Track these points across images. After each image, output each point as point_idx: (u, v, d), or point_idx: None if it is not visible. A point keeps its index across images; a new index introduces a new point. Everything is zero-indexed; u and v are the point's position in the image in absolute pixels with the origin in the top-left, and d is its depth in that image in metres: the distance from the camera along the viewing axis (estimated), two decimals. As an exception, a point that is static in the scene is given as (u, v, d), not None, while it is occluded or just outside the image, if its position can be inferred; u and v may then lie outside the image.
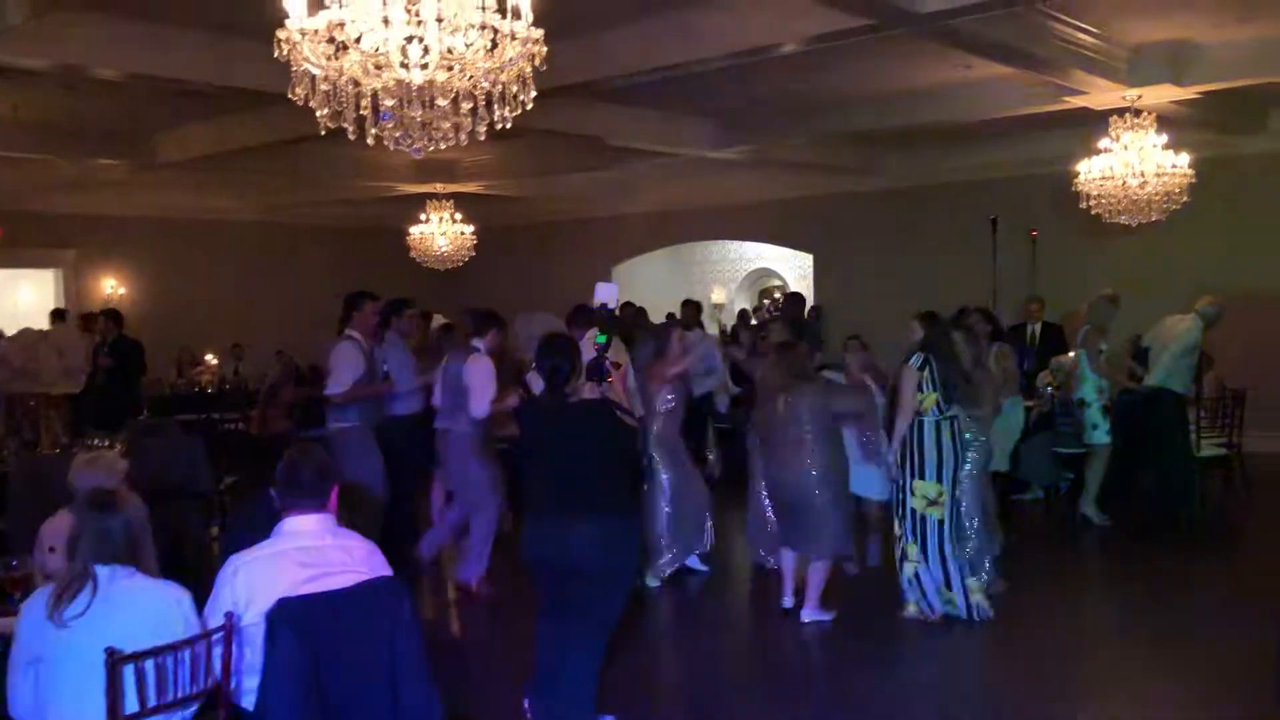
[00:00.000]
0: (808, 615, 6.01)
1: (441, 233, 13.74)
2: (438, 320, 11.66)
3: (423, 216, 13.80)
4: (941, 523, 5.89)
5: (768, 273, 17.99)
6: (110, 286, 15.58)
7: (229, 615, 3.06)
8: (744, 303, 17.68)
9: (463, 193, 14.02)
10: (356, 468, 6.59)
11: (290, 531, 3.26)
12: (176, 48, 7.65)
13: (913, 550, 5.97)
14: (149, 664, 2.85)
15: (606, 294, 5.01)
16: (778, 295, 17.39)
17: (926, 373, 5.92)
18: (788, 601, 6.17)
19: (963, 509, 6.08)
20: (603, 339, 4.75)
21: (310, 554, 3.20)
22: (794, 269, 17.04)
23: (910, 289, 12.19)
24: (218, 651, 3.03)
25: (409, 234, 13.96)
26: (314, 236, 16.97)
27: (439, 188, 13.74)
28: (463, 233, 13.85)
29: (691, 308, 11.68)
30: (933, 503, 5.90)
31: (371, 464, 6.71)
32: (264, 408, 11.26)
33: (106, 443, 7.26)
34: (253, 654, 3.13)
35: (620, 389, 4.60)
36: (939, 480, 5.89)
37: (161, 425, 9.24)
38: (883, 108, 10.30)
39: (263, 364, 13.27)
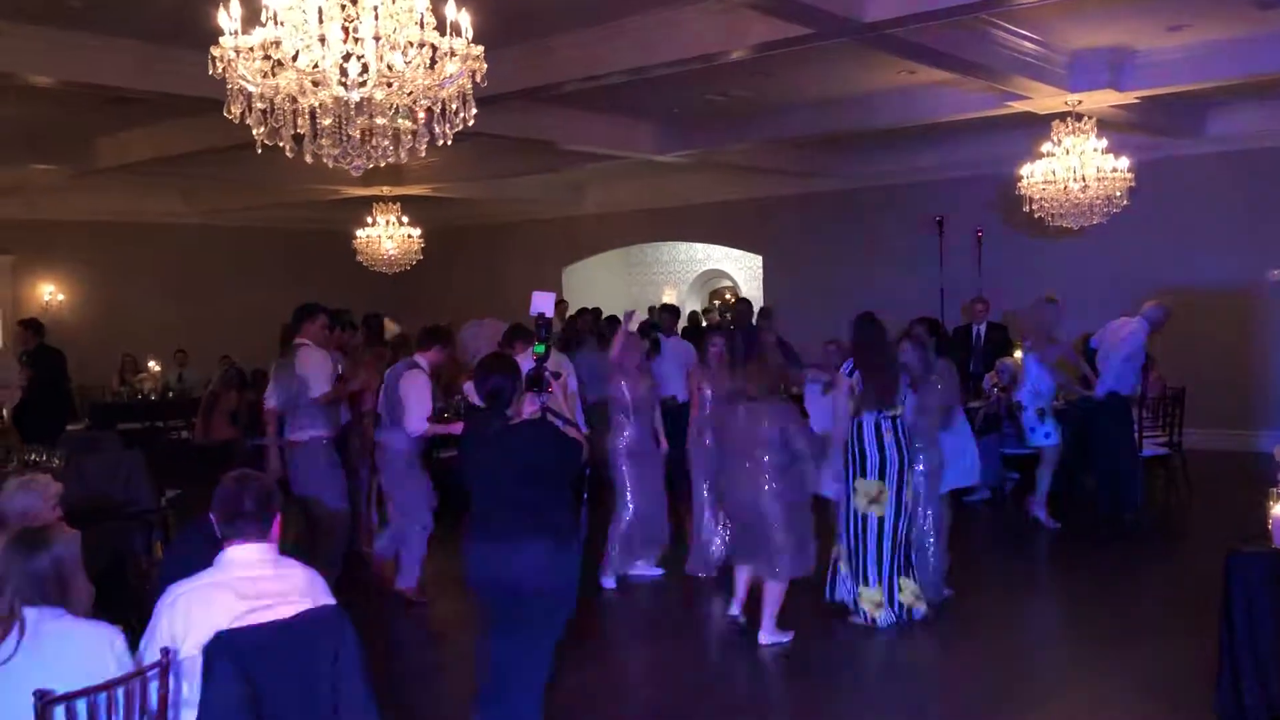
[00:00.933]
0: (765, 638, 5.87)
1: (389, 236, 13.61)
2: (391, 328, 11.56)
3: (369, 220, 13.67)
4: (881, 520, 5.94)
5: (718, 274, 18.03)
6: (49, 292, 15.27)
7: (165, 651, 2.99)
8: (695, 304, 17.71)
9: (410, 195, 13.91)
10: (322, 480, 6.57)
11: (230, 561, 3.19)
12: (112, 56, 7.55)
13: (841, 549, 6.10)
14: (81, 704, 2.78)
15: (543, 303, 4.97)
16: (729, 297, 17.45)
17: (856, 376, 5.99)
18: (735, 609, 6.14)
19: (916, 516, 6.13)
20: (540, 349, 4.69)
21: (251, 584, 3.14)
22: (745, 270, 17.10)
23: (859, 289, 12.29)
24: (154, 687, 2.97)
25: (355, 237, 13.82)
26: (260, 240, 16.75)
27: (385, 191, 13.62)
28: (410, 236, 13.73)
29: (670, 314, 11.00)
30: (873, 500, 5.95)
31: (336, 476, 6.71)
32: (205, 415, 11.10)
33: (43, 458, 7.10)
34: (190, 688, 3.06)
35: (560, 398, 4.58)
36: (880, 478, 5.93)
37: (100, 440, 9.07)
38: (828, 112, 10.36)
39: (208, 370, 13.08)
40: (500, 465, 4.33)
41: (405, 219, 13.69)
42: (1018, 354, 9.58)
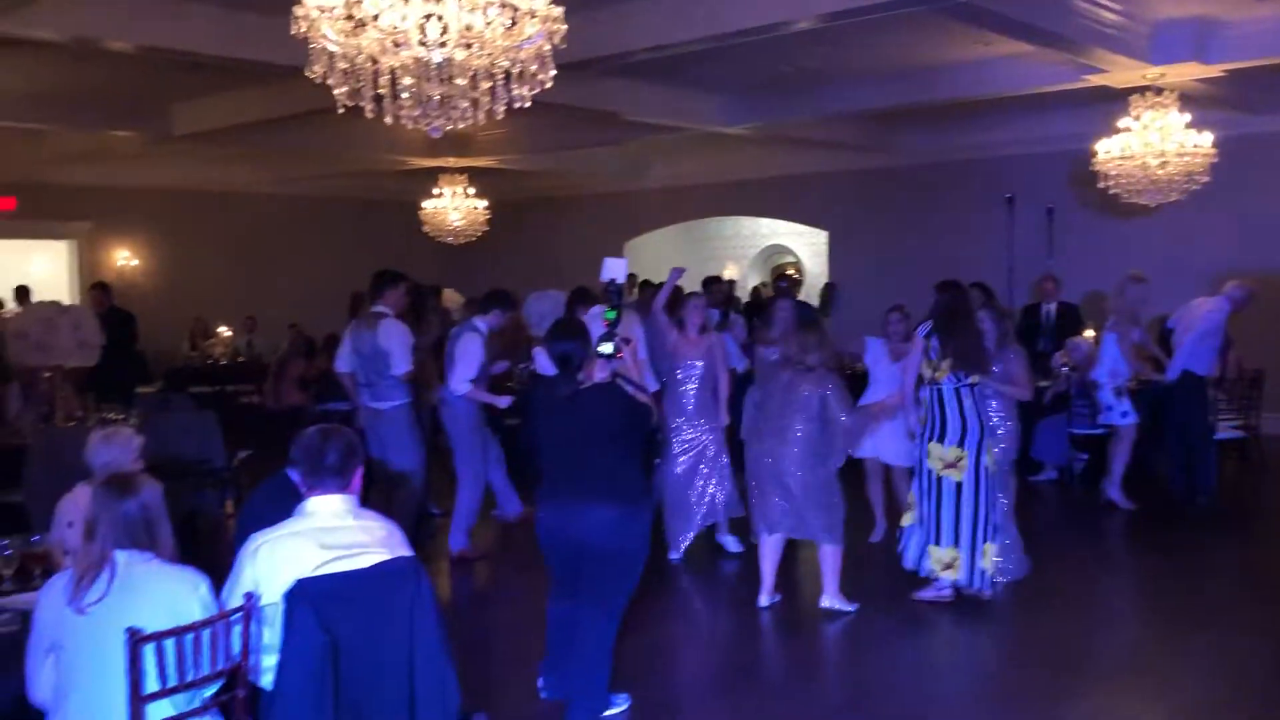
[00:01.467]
0: (827, 602, 5.91)
1: (454, 207, 13.70)
2: (454, 299, 11.68)
3: (436, 190, 13.76)
4: (960, 485, 5.89)
5: (781, 249, 17.91)
6: (123, 258, 15.59)
7: (248, 596, 3.06)
8: (757, 280, 17.62)
9: (476, 167, 13.98)
10: (403, 448, 6.71)
11: (312, 511, 3.26)
12: (190, 20, 7.63)
13: (912, 513, 6.05)
14: (169, 644, 2.86)
15: (615, 269, 5.01)
16: (791, 272, 17.34)
17: (933, 341, 5.93)
18: (764, 600, 5.98)
19: (996, 486, 6.08)
20: (611, 315, 4.75)
21: (331, 534, 3.20)
22: (808, 246, 16.96)
23: (925, 266, 12.09)
24: (237, 631, 3.04)
25: (422, 208, 13.93)
26: (328, 210, 16.96)
27: (452, 161, 13.69)
28: (475, 207, 13.81)
29: (721, 285, 10.77)
30: (950, 465, 5.90)
31: (416, 444, 6.87)
32: (276, 380, 11.32)
33: (121, 416, 7.29)
34: (270, 633, 3.13)
35: (630, 364, 4.61)
36: (960, 445, 5.88)
37: (174, 401, 9.29)
38: (899, 84, 10.20)
39: (276, 337, 13.30)
40: (570, 429, 4.37)
41: (471, 190, 13.77)
42: (1089, 333, 9.42)
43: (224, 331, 14.52)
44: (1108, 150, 8.89)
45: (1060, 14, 7.60)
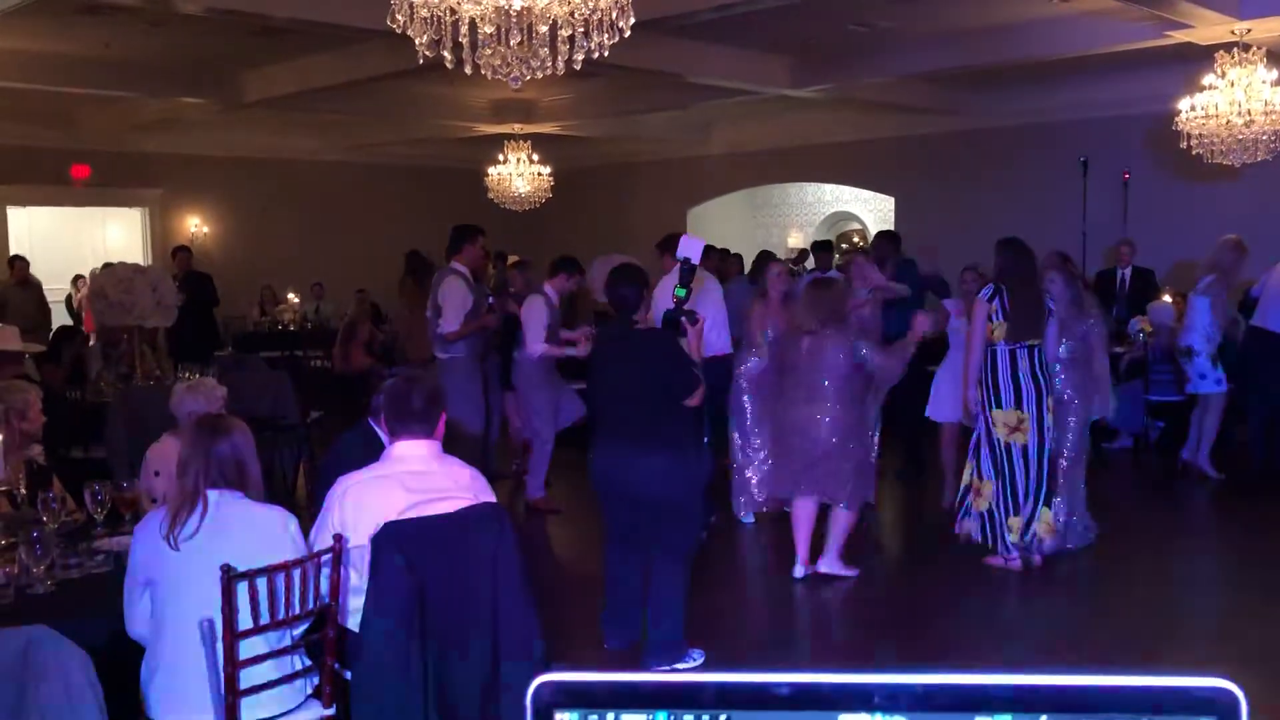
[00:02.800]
0: (825, 566, 5.77)
1: (519, 174, 13.71)
2: (512, 260, 11.74)
3: (500, 157, 13.79)
4: (1025, 448, 5.80)
5: (847, 216, 17.71)
6: (195, 225, 15.86)
7: (337, 538, 3.10)
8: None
9: (541, 134, 13.98)
10: (459, 400, 6.79)
11: (399, 456, 3.29)
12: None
13: (987, 488, 5.89)
14: (261, 581, 2.91)
15: (691, 248, 5.08)
16: (856, 240, 17.15)
17: (996, 303, 5.81)
18: (799, 571, 5.78)
19: (1057, 444, 5.95)
20: (682, 293, 4.77)
21: (417, 478, 3.23)
22: (874, 212, 16.75)
23: (995, 233, 11.78)
24: (325, 572, 3.08)
25: (487, 175, 13.97)
26: (394, 176, 17.09)
27: (517, 128, 13.70)
28: (540, 174, 13.81)
29: (826, 250, 10.90)
30: (1015, 429, 5.80)
31: (474, 396, 6.98)
32: (344, 345, 11.46)
33: (199, 375, 7.43)
34: (358, 576, 3.17)
35: (693, 342, 4.59)
36: (1018, 407, 5.77)
37: (249, 360, 9.45)
38: (975, 44, 9.98)
39: (343, 303, 13.45)
40: (621, 373, 4.42)
41: (535, 157, 13.77)
42: (1166, 298, 9.20)
43: (292, 298, 14.72)
44: (1191, 108, 8.63)
45: (1145, -34, 7.39)
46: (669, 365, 4.44)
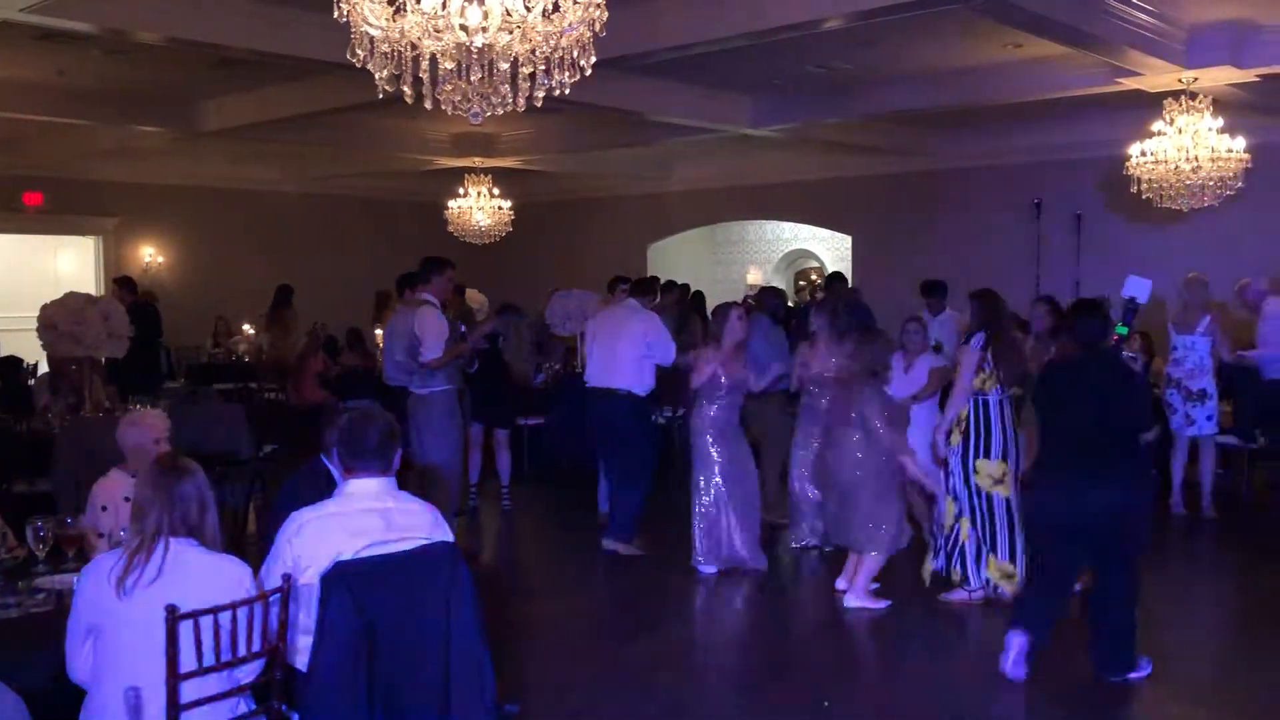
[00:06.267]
0: (852, 601, 5.91)
1: (479, 207, 13.72)
2: (477, 299, 11.72)
3: (461, 190, 13.78)
4: (1008, 500, 5.84)
5: (805, 254, 17.86)
6: (149, 255, 15.66)
7: (286, 577, 3.04)
8: (780, 284, 17.56)
9: (501, 167, 13.99)
10: (439, 434, 6.74)
11: (352, 493, 3.24)
12: (220, 12, 7.65)
13: (965, 526, 5.91)
14: (206, 622, 2.84)
15: (1137, 288, 5.32)
16: (814, 278, 17.28)
17: (988, 353, 5.84)
18: (841, 582, 6.09)
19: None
20: (1123, 331, 5.21)
21: (371, 516, 3.18)
22: (832, 250, 16.90)
23: (951, 273, 12.00)
24: (274, 612, 3.02)
25: (447, 208, 13.95)
26: (353, 208, 17.00)
27: (478, 162, 13.71)
28: (500, 208, 13.82)
29: (839, 280, 10.87)
30: (998, 481, 5.84)
31: (455, 431, 6.91)
32: (295, 378, 11.35)
33: (147, 407, 7.30)
34: (307, 615, 3.11)
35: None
36: (1004, 459, 5.82)
37: (201, 393, 9.31)
38: (931, 86, 10.14)
39: (300, 335, 13.32)
40: (1086, 401, 4.69)
41: (496, 190, 13.78)
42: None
43: (248, 329, 14.55)
44: (1141, 153, 8.81)
45: (1095, 15, 7.55)
46: (1123, 384, 4.76)
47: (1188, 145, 8.59)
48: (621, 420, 7.04)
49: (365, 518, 3.17)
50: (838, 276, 10.33)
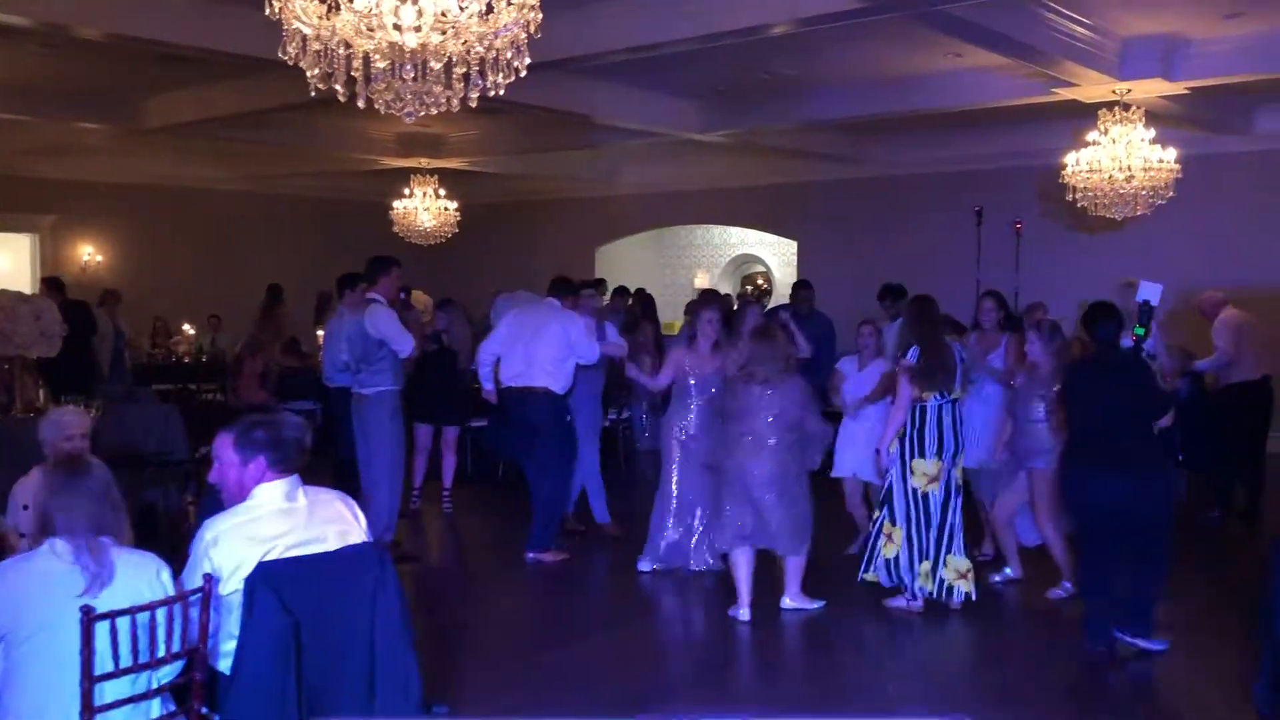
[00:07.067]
0: (790, 602, 5.92)
1: (425, 208, 13.63)
2: (422, 300, 11.65)
3: (407, 191, 13.69)
4: (938, 498, 5.91)
5: (752, 258, 17.96)
6: (88, 254, 15.40)
7: (207, 578, 3.01)
8: (728, 288, 17.65)
9: (447, 168, 13.92)
10: (384, 435, 6.80)
11: (262, 497, 3.19)
12: (162, 9, 7.56)
13: (898, 534, 5.97)
14: (123, 623, 2.80)
15: (1151, 292, 5.78)
16: (760, 281, 17.39)
17: (918, 362, 5.92)
18: (744, 614, 5.83)
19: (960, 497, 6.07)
20: (1140, 331, 5.66)
21: (285, 516, 3.16)
22: (778, 256, 17.02)
23: (895, 278, 12.17)
24: (194, 613, 2.98)
25: (393, 208, 13.85)
26: (297, 208, 16.83)
27: (424, 162, 13.63)
28: (446, 209, 13.75)
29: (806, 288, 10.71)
30: (932, 479, 5.92)
31: (399, 431, 6.93)
32: (234, 378, 11.22)
33: (82, 407, 7.18)
34: (229, 620, 3.08)
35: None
36: (939, 458, 5.91)
37: (138, 393, 9.17)
38: (873, 94, 10.27)
39: (241, 335, 13.16)
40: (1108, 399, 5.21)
41: (442, 191, 13.71)
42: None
43: (188, 329, 14.35)
44: (1075, 163, 8.98)
45: (1033, 26, 7.69)
46: (1141, 385, 5.26)
47: (1121, 155, 8.78)
48: (539, 419, 6.98)
49: (279, 519, 3.15)
50: (804, 284, 10.37)
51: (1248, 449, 8.30)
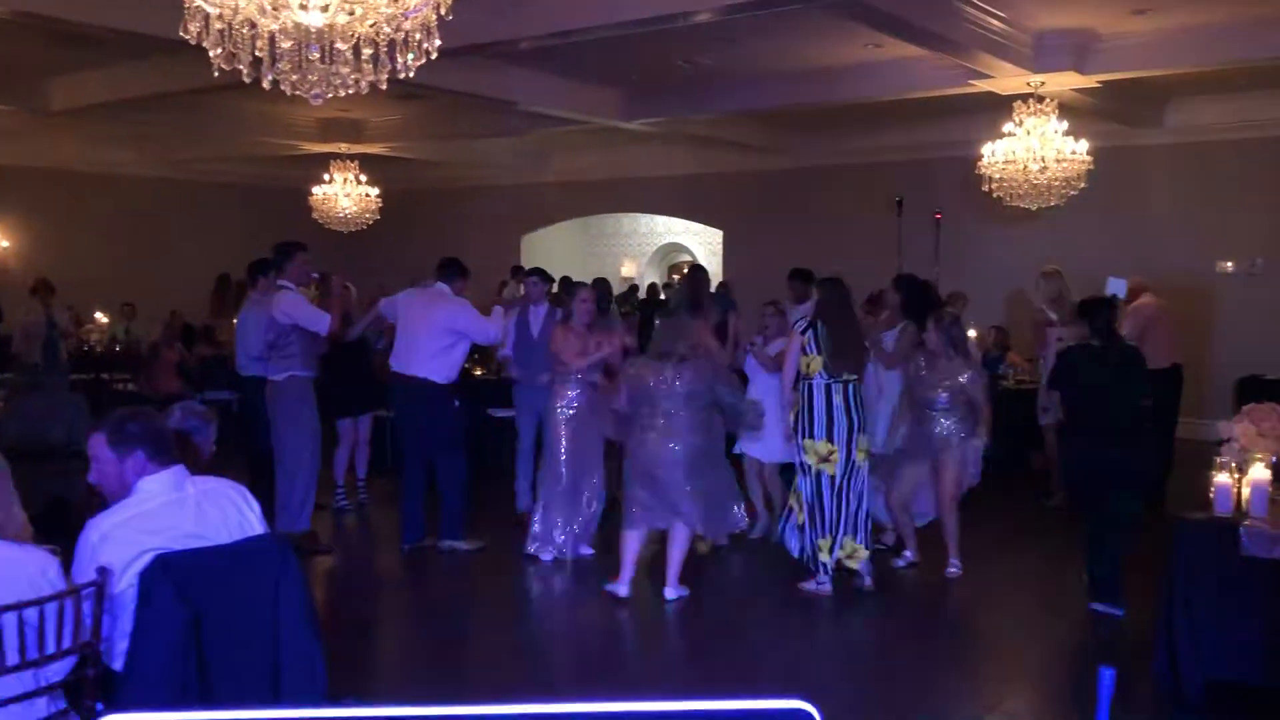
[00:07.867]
0: (672, 593, 5.88)
1: (345, 194, 13.44)
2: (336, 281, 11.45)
3: (326, 177, 13.47)
4: (834, 478, 5.96)
5: (678, 248, 18.02)
6: (-6, 240, 14.91)
7: (101, 571, 2.92)
8: (654, 277, 17.68)
9: (369, 154, 13.73)
10: (295, 421, 6.67)
11: (145, 491, 3.11)
12: (68, -13, 7.33)
13: (798, 509, 6.06)
14: (9, 620, 2.70)
15: (1117, 286, 6.78)
16: (685, 270, 17.43)
17: (809, 336, 5.98)
18: (623, 590, 5.87)
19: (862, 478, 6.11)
20: None
21: (174, 508, 3.08)
22: (704, 245, 17.10)
23: (817, 267, 12.25)
24: (86, 609, 2.89)
25: (312, 194, 13.62)
26: (214, 194, 16.45)
27: (344, 148, 13.43)
28: (367, 195, 13.57)
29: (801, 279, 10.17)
30: (824, 459, 5.97)
31: (312, 419, 6.78)
32: (148, 368, 10.97)
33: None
34: (124, 618, 2.99)
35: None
36: (829, 439, 5.95)
37: (45, 382, 8.88)
38: (793, 84, 10.34)
39: (156, 324, 12.86)
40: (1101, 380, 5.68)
41: (363, 178, 13.52)
42: (971, 333, 9.62)
43: (101, 318, 13.97)
44: (992, 153, 9.14)
45: (948, 18, 7.80)
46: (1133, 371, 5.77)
47: (1035, 147, 8.95)
48: (419, 408, 6.84)
49: (169, 511, 3.06)
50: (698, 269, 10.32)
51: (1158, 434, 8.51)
